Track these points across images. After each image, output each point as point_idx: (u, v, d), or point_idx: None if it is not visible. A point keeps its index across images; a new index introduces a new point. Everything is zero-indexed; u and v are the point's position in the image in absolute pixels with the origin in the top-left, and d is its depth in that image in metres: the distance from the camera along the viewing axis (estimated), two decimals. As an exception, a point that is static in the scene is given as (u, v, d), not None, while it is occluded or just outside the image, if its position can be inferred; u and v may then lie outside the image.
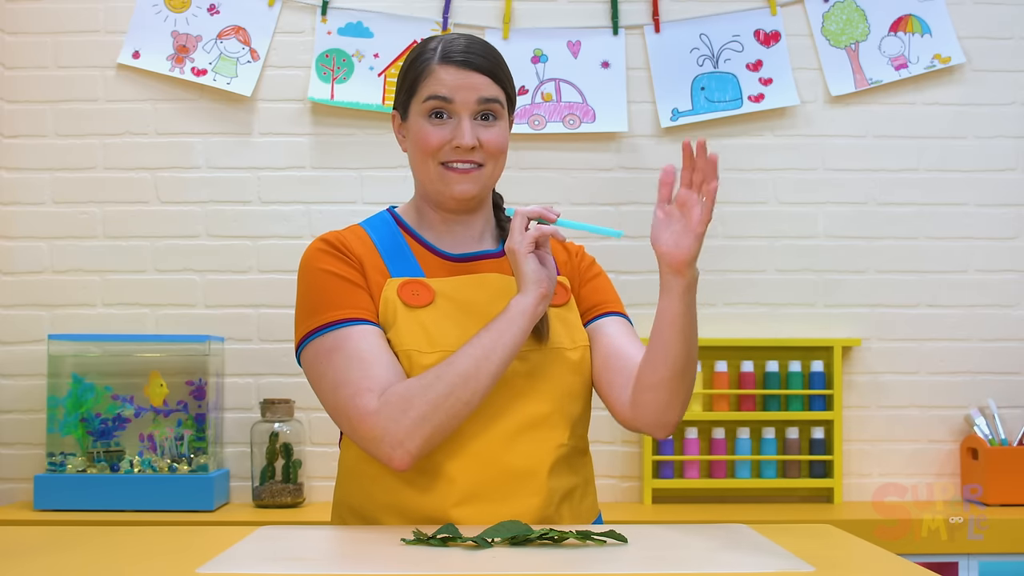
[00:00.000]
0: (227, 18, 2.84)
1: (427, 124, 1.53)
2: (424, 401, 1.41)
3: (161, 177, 2.83)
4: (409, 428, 1.41)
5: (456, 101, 1.52)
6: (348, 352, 1.46)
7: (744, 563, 1.22)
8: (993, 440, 2.76)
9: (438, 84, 1.52)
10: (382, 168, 2.84)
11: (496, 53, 1.58)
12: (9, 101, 2.82)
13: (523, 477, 1.47)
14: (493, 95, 1.54)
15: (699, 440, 2.78)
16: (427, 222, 1.61)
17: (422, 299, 1.52)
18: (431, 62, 1.54)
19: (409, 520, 1.47)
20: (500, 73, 1.56)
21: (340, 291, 1.50)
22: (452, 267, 1.57)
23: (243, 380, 2.81)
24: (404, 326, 1.49)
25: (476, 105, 1.52)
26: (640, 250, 2.82)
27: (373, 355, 1.45)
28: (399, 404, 1.41)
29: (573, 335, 1.57)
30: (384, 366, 1.45)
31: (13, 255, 2.81)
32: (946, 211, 2.87)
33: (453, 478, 1.46)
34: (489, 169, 1.55)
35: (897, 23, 2.87)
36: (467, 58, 1.53)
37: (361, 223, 1.63)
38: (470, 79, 1.52)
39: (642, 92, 2.86)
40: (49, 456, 2.65)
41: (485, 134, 1.53)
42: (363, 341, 1.46)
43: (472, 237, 1.61)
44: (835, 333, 2.84)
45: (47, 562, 1.24)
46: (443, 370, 1.43)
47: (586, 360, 1.57)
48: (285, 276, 2.80)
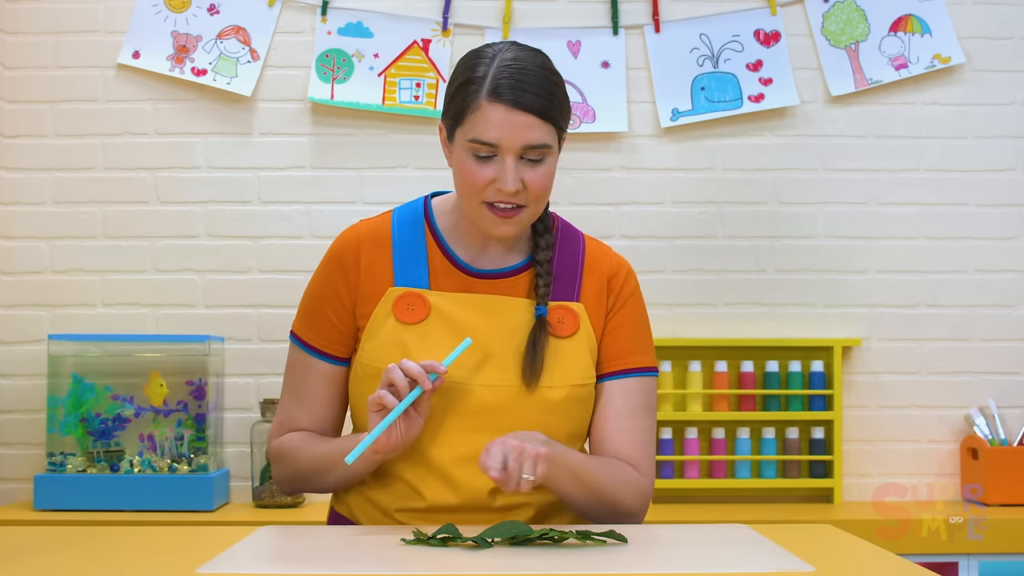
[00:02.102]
0: (227, 18, 2.83)
1: (471, 161, 1.45)
2: (290, 466, 1.58)
3: (161, 177, 2.83)
4: (279, 474, 1.61)
5: (502, 145, 1.43)
6: (295, 378, 1.59)
7: (744, 563, 1.22)
8: (993, 440, 2.76)
9: (484, 125, 1.43)
10: (382, 168, 2.84)
11: (549, 85, 1.47)
12: (9, 101, 2.82)
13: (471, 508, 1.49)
14: (540, 140, 1.45)
15: (699, 440, 2.78)
16: (461, 230, 1.56)
17: (415, 315, 1.51)
18: (479, 96, 1.44)
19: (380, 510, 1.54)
20: (552, 111, 1.46)
21: (318, 318, 1.57)
22: (461, 282, 1.54)
23: (243, 380, 2.81)
24: (386, 341, 1.50)
25: (522, 150, 1.44)
26: (642, 250, 2.82)
27: (305, 394, 1.58)
28: (278, 455, 1.59)
29: (565, 372, 1.51)
30: (306, 409, 1.58)
31: (13, 255, 2.81)
32: (946, 211, 2.87)
33: (417, 490, 1.51)
34: (532, 210, 1.49)
35: (897, 23, 2.87)
36: (516, 96, 1.43)
37: (395, 211, 1.60)
38: (518, 120, 1.43)
39: (642, 92, 2.86)
40: (49, 456, 2.65)
41: (530, 175, 1.45)
42: (309, 377, 1.58)
43: (503, 248, 1.56)
44: (835, 333, 2.84)
45: (47, 562, 1.24)
46: (311, 455, 1.54)
47: (573, 398, 1.52)
48: (285, 276, 2.80)
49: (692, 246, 2.85)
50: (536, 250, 1.56)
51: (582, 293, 1.56)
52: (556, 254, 1.57)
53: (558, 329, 1.52)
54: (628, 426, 1.54)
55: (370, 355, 1.51)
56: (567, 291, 1.56)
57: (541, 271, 1.54)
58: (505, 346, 1.50)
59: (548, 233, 1.57)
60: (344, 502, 1.60)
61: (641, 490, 1.53)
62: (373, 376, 1.49)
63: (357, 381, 1.54)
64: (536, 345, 1.49)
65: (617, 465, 1.52)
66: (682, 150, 2.86)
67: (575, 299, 1.55)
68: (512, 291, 1.54)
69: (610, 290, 1.58)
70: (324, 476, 1.54)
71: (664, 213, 2.86)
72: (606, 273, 1.59)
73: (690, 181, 2.86)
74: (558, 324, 1.53)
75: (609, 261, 1.60)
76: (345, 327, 1.55)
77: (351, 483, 1.56)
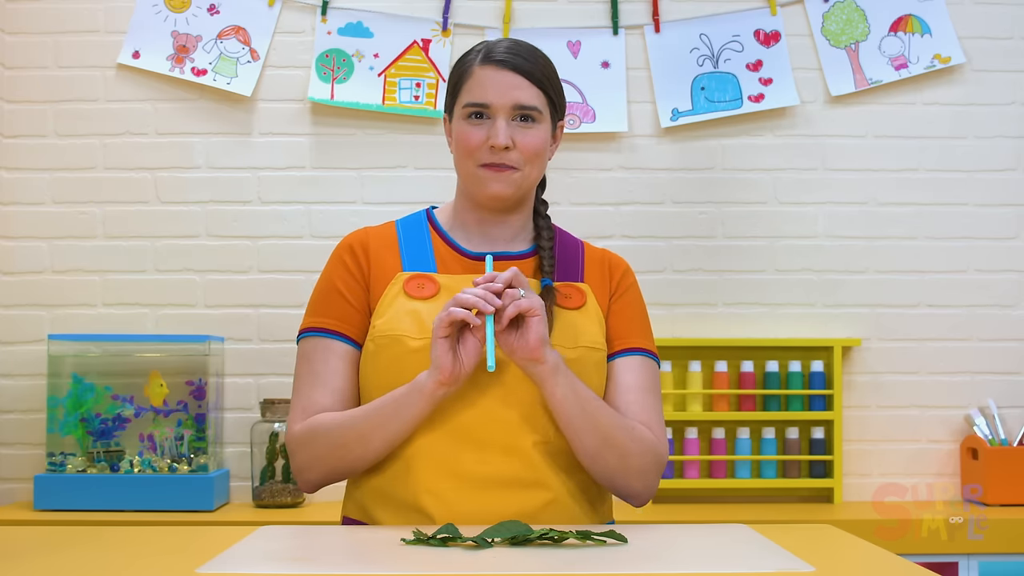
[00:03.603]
0: (227, 18, 2.84)
1: (466, 125, 1.54)
2: (324, 442, 1.50)
3: (161, 177, 2.83)
4: (308, 460, 1.53)
5: (493, 104, 1.52)
6: (311, 364, 1.55)
7: (744, 563, 1.22)
8: (993, 440, 2.76)
9: (476, 87, 1.53)
10: (382, 168, 2.84)
11: (540, 56, 1.57)
12: (9, 101, 2.82)
13: (488, 482, 1.47)
14: (530, 101, 1.53)
15: (699, 440, 2.78)
16: (460, 221, 1.62)
17: (425, 292, 1.54)
18: (473, 64, 1.55)
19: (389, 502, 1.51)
20: (540, 75, 1.54)
21: (331, 301, 1.57)
22: (468, 265, 1.58)
23: (243, 380, 2.81)
24: (399, 313, 1.52)
25: (512, 109, 1.52)
26: (642, 250, 2.82)
27: (325, 375, 1.54)
28: (308, 437, 1.51)
29: (576, 335, 1.54)
30: (329, 390, 1.53)
31: (13, 255, 2.81)
32: (946, 211, 2.87)
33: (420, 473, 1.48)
34: (525, 172, 1.55)
35: (897, 23, 2.87)
36: (506, 58, 1.53)
37: (397, 220, 1.65)
38: (508, 79, 1.52)
39: (642, 92, 2.86)
40: (49, 456, 2.65)
41: (521, 136, 1.53)
42: (328, 358, 1.55)
43: (504, 238, 1.61)
44: (835, 333, 2.84)
45: (47, 562, 1.24)
46: (350, 420, 1.49)
47: (588, 361, 1.53)
48: (285, 276, 2.81)
49: (692, 246, 2.86)
50: (538, 237, 1.62)
51: (586, 275, 1.62)
52: (558, 243, 1.63)
53: (566, 303, 1.57)
54: (640, 399, 1.56)
55: (382, 328, 1.52)
56: (572, 273, 1.61)
57: (545, 253, 1.59)
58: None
59: (549, 228, 1.63)
60: (359, 503, 1.56)
61: (653, 447, 1.52)
62: (386, 345, 1.50)
63: (369, 357, 1.54)
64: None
65: (629, 421, 1.52)
66: (682, 150, 2.87)
67: (580, 279, 1.60)
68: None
69: (612, 277, 1.63)
70: (369, 440, 1.47)
71: (664, 213, 2.86)
72: (606, 265, 1.64)
73: (690, 181, 2.86)
74: (565, 299, 1.57)
75: (608, 256, 1.66)
76: (360, 305, 1.56)
77: (396, 443, 1.48)
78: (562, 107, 1.60)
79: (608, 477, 1.51)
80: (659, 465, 1.54)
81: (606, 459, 1.49)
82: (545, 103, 1.55)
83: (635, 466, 1.51)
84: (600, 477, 1.52)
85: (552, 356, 1.44)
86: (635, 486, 1.53)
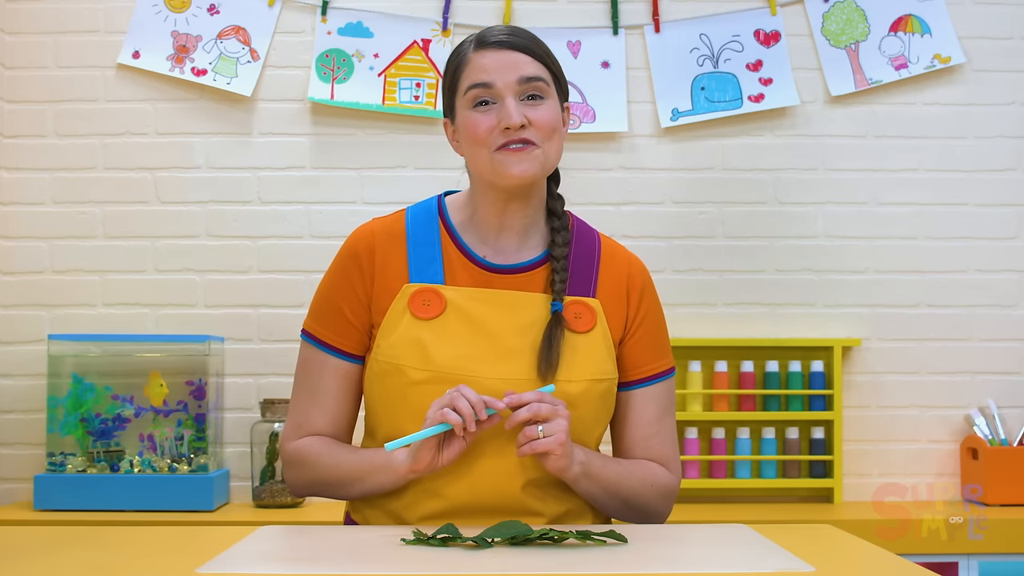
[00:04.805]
0: (227, 18, 2.84)
1: (473, 114, 1.48)
2: (311, 473, 1.54)
3: (161, 177, 2.83)
4: (296, 481, 1.57)
5: (497, 84, 1.46)
6: (310, 376, 1.56)
7: (744, 563, 1.22)
8: (993, 440, 2.76)
9: (477, 70, 1.48)
10: (382, 168, 2.84)
11: (536, 36, 1.53)
12: (9, 101, 2.82)
13: (491, 507, 1.48)
14: (535, 72, 1.48)
15: (699, 440, 2.78)
16: (476, 221, 1.55)
17: (432, 311, 1.49)
18: (467, 52, 1.50)
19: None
20: (540, 51, 1.50)
21: (332, 313, 1.55)
22: (478, 276, 1.53)
23: (243, 380, 2.81)
24: (403, 338, 1.48)
25: (518, 85, 1.47)
26: (642, 250, 2.81)
27: (321, 394, 1.55)
28: (297, 458, 1.55)
29: (582, 366, 1.50)
30: (323, 411, 1.55)
31: (13, 255, 2.81)
32: (946, 211, 2.87)
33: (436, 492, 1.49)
34: (545, 149, 1.49)
35: (897, 23, 2.87)
36: (503, 38, 1.49)
37: (408, 210, 1.59)
38: (508, 57, 1.47)
39: (642, 92, 2.86)
40: (49, 456, 2.65)
41: (533, 113, 1.47)
42: (323, 376, 1.55)
43: (516, 241, 1.55)
44: (835, 333, 2.84)
45: (47, 562, 1.24)
46: (334, 463, 1.52)
47: (593, 393, 1.50)
48: (285, 276, 2.81)
49: (692, 246, 2.85)
50: (552, 245, 1.56)
51: (598, 289, 1.56)
52: (572, 249, 1.57)
53: (574, 324, 1.51)
54: (657, 431, 1.58)
55: (386, 352, 1.49)
56: (583, 286, 1.55)
57: (557, 267, 1.53)
58: (521, 341, 1.49)
59: (565, 230, 1.57)
60: (360, 512, 1.57)
61: (671, 490, 1.58)
62: (389, 373, 1.49)
63: (373, 378, 1.52)
64: (552, 340, 1.48)
65: (648, 469, 1.56)
66: (682, 150, 2.86)
67: (591, 295, 1.55)
68: (528, 286, 1.53)
69: (629, 300, 1.57)
70: (348, 487, 1.52)
71: (664, 213, 2.86)
72: (623, 277, 1.58)
73: (690, 181, 2.86)
74: (574, 319, 1.52)
75: (624, 260, 1.60)
76: (360, 323, 1.53)
77: (373, 495, 1.52)
78: (565, 86, 1.55)
79: (626, 520, 1.57)
80: (674, 495, 1.59)
81: (627, 516, 1.55)
82: (550, 76, 1.50)
83: (654, 511, 1.57)
84: (619, 520, 1.58)
85: (575, 469, 1.45)
86: (652, 520, 1.58)
